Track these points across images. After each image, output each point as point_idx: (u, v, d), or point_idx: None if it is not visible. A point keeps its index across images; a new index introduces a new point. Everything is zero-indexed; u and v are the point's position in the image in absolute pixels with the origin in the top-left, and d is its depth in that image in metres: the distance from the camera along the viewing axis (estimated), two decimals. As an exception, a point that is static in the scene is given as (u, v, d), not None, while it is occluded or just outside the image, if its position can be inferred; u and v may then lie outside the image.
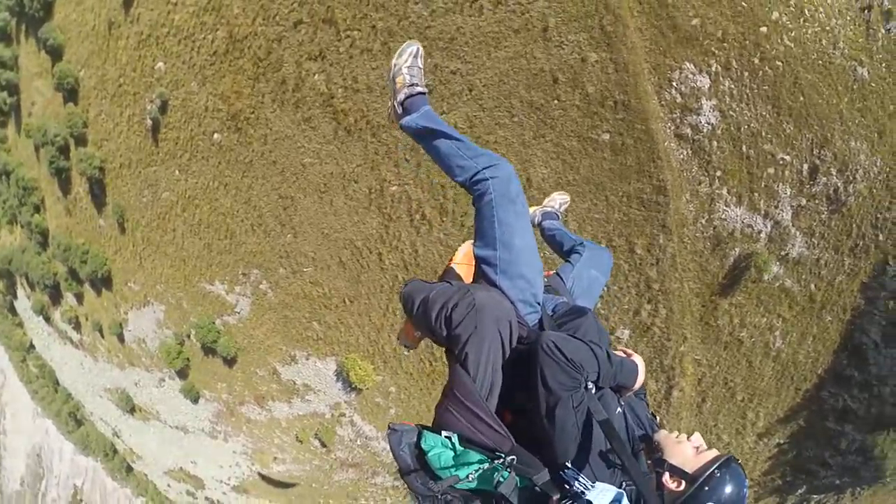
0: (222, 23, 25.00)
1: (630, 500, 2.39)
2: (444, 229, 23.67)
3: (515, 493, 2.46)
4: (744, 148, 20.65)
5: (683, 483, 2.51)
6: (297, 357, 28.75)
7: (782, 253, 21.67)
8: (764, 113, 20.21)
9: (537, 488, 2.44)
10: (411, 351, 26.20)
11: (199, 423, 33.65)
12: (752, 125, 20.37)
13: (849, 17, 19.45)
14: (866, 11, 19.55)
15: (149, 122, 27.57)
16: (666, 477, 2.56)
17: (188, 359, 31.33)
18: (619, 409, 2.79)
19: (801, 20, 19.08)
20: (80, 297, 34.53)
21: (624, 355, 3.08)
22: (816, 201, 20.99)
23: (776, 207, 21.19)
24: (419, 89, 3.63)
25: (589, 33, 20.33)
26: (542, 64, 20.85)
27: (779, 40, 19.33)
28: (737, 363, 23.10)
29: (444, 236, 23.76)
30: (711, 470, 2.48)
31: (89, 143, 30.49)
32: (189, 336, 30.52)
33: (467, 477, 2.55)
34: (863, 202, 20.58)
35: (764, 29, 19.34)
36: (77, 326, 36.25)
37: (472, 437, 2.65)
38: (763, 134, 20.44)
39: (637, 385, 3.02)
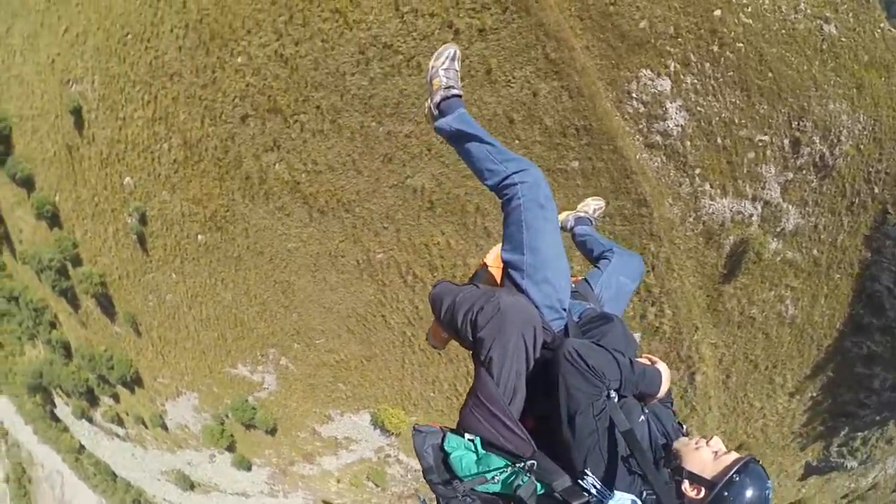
0: (173, 130, 23.42)
1: None
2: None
3: (534, 498, 2.36)
4: (719, 140, 19.01)
5: (703, 490, 2.34)
6: (332, 416, 28.01)
7: (778, 229, 20.23)
8: (734, 100, 18.47)
9: (556, 494, 2.33)
10: (435, 393, 25.50)
11: (257, 487, 33.19)
12: (723, 115, 18.68)
13: None
14: None
15: (133, 236, 26.25)
16: (686, 485, 2.38)
17: (232, 435, 30.72)
18: (642, 418, 2.61)
19: None
20: (116, 397, 33.79)
21: (648, 363, 2.89)
22: (804, 172, 19.43)
23: (763, 188, 19.66)
24: (455, 91, 3.40)
25: (534, 65, 18.57)
26: (494, 107, 19.18)
27: (735, 21, 17.42)
28: (753, 337, 21.96)
29: (439, 290, 22.50)
30: (730, 475, 2.28)
31: (84, 261, 29.33)
32: (227, 416, 29.84)
33: (492, 479, 2.47)
34: (852, 161, 18.99)
35: (718, 12, 17.40)
36: (120, 422, 35.54)
37: (494, 440, 2.56)
38: (736, 121, 18.75)
39: (661, 393, 2.82)
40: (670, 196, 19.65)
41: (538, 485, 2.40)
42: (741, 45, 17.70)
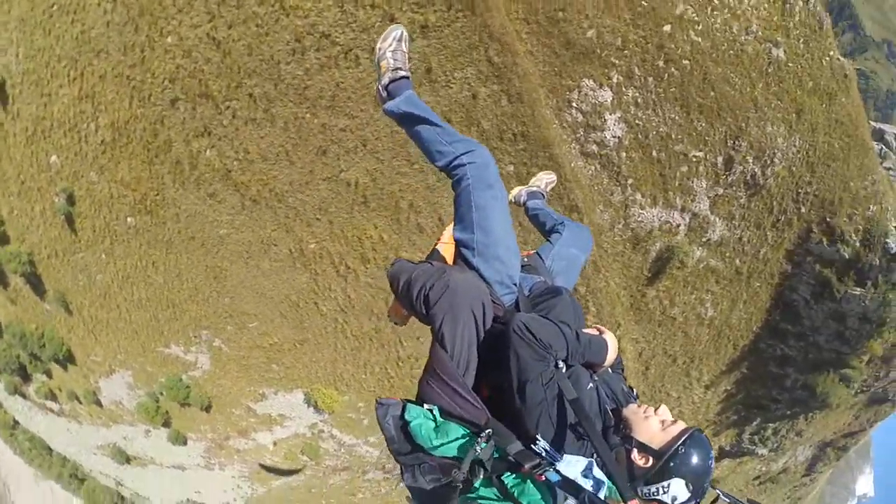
0: (100, 110, 21.71)
1: (601, 470, 2.25)
2: (370, 274, 21.71)
3: (491, 462, 2.40)
4: (654, 153, 18.85)
5: (651, 459, 2.39)
6: (266, 394, 27.24)
7: (703, 239, 20.39)
8: (673, 115, 18.28)
9: (510, 458, 2.37)
10: (367, 376, 25.04)
11: (193, 461, 32.12)
12: (660, 129, 18.47)
13: None
14: None
15: (61, 216, 24.53)
16: (634, 454, 2.43)
17: (167, 412, 29.50)
18: (590, 385, 2.65)
19: (709, 9, 16.83)
20: (49, 373, 31.79)
21: (596, 332, 2.92)
22: (734, 188, 19.53)
23: (693, 201, 19.71)
24: (402, 73, 3.29)
25: (476, 67, 17.84)
26: (433, 106, 18.23)
27: (684, 37, 17.10)
28: (672, 335, 22.27)
29: (371, 280, 21.85)
30: (676, 446, 2.34)
31: (12, 239, 27.28)
32: (162, 394, 28.67)
33: (460, 441, 2.52)
34: (782, 181, 19.19)
35: (667, 28, 17.03)
36: (54, 398, 33.53)
37: (451, 409, 2.60)
38: (673, 136, 18.59)
39: (608, 362, 2.86)
40: (601, 203, 19.48)
41: (494, 449, 2.43)
42: (687, 62, 17.45)
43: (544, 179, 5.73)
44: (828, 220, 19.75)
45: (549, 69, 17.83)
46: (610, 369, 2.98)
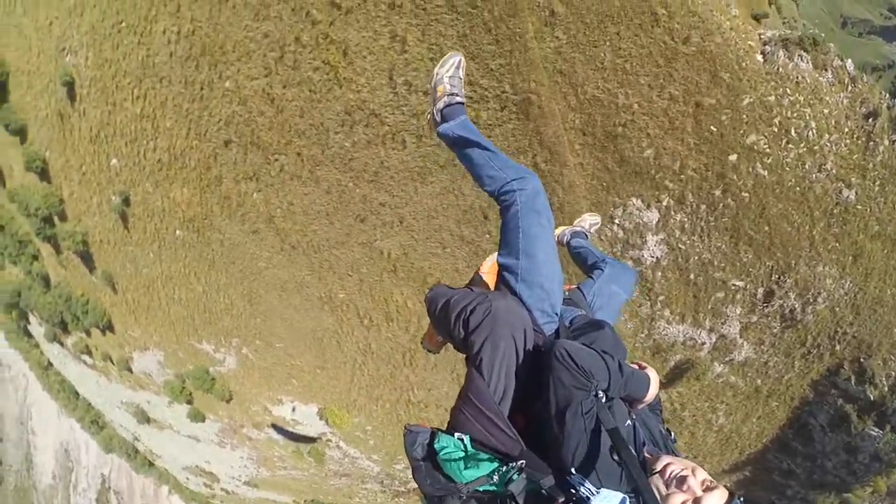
0: (159, 133, 22.59)
1: None
2: (391, 331, 22.49)
3: (523, 495, 2.33)
4: (691, 276, 18.65)
5: None
6: (284, 400, 28.88)
7: (726, 358, 20.25)
8: (720, 244, 17.94)
9: (544, 491, 2.31)
10: (377, 408, 26.20)
11: (207, 436, 34.58)
12: (703, 256, 18.21)
13: (846, 130, 16.57)
14: (870, 119, 16.58)
15: (116, 214, 25.88)
16: None
17: (191, 393, 31.61)
18: (628, 423, 2.56)
19: (784, 142, 16.39)
20: (87, 333, 34.09)
21: (637, 368, 2.85)
22: (769, 318, 19.20)
23: (723, 325, 19.49)
24: (458, 99, 3.32)
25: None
26: (472, 200, 18.57)
27: (749, 169, 16.64)
28: (679, 433, 22.43)
29: (392, 336, 22.65)
30: None
31: (69, 217, 28.98)
32: (188, 379, 30.61)
33: (491, 477, 2.41)
34: (821, 319, 18.78)
35: (733, 157, 16.58)
36: (89, 353, 36.40)
37: (484, 439, 2.51)
38: (715, 263, 18.31)
39: (648, 397, 2.78)
40: (628, 313, 19.49)
41: (527, 482, 2.38)
42: (747, 194, 16.99)
43: (588, 220, 5.79)
44: (861, 360, 19.32)
45: (597, 183, 17.62)
46: (649, 409, 2.93)
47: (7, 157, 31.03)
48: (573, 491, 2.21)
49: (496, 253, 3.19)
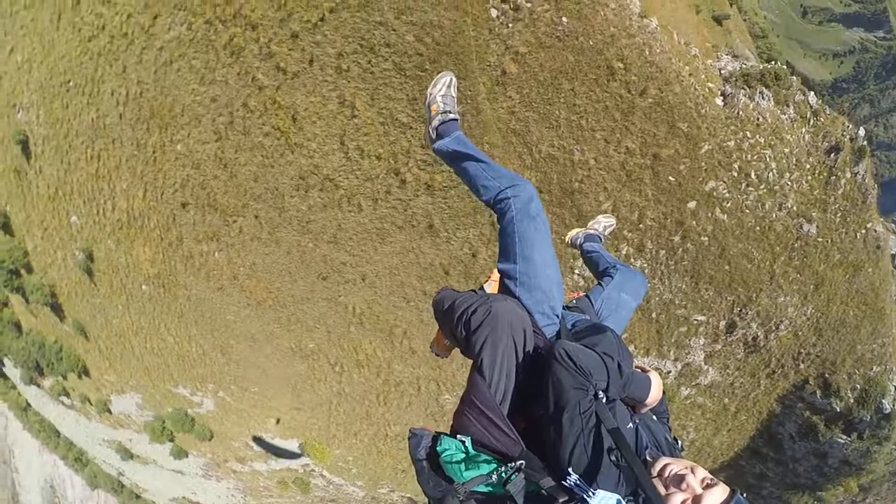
0: (116, 193, 22.48)
1: None
2: (363, 377, 22.81)
3: (521, 495, 2.38)
4: (653, 315, 19.10)
5: None
6: (264, 437, 29.18)
7: (693, 383, 20.77)
8: (680, 285, 18.38)
9: (543, 492, 2.35)
10: (356, 441, 26.60)
11: (192, 470, 34.80)
12: (664, 296, 18.63)
13: (808, 167, 16.93)
14: (832, 154, 16.91)
15: (81, 269, 25.80)
16: None
17: (172, 432, 31.79)
18: (630, 425, 2.60)
19: (744, 185, 16.85)
20: (64, 376, 34.21)
21: (640, 371, 2.92)
22: (732, 346, 19.73)
23: (687, 355, 19.98)
24: (452, 116, 3.51)
25: (479, 229, 18.08)
26: (432, 258, 18.81)
27: (708, 215, 17.08)
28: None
29: (364, 380, 22.97)
30: None
31: (35, 269, 28.83)
32: (167, 421, 30.75)
33: (490, 477, 2.46)
34: (785, 343, 19.32)
35: (692, 204, 16.96)
36: (67, 395, 36.31)
37: (485, 440, 2.56)
38: (676, 302, 18.77)
39: (650, 400, 2.82)
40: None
41: (526, 483, 2.42)
42: (706, 238, 17.41)
43: (602, 222, 5.78)
44: (826, 376, 20.01)
45: (555, 237, 17.65)
46: (654, 416, 2.96)
47: (-34, 210, 30.73)
48: (570, 490, 2.25)
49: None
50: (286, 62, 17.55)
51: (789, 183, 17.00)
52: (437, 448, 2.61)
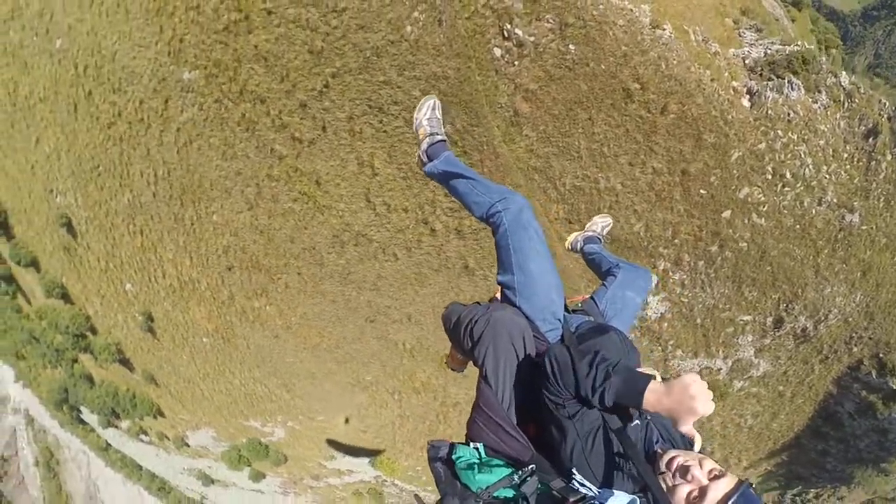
0: (164, 261, 24.13)
1: None
2: (421, 401, 24.31)
3: (535, 497, 2.46)
4: (698, 321, 19.80)
5: None
6: (336, 455, 31.29)
7: (745, 375, 21.42)
8: (723, 290, 18.89)
9: (555, 493, 2.41)
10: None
11: (271, 488, 37.74)
12: (707, 303, 19.22)
13: (845, 156, 17.04)
14: (870, 139, 16.95)
15: (142, 329, 27.81)
16: None
17: (248, 459, 34.26)
18: (636, 421, 2.56)
19: (780, 186, 17.09)
20: (140, 417, 36.86)
21: (648, 373, 2.74)
22: (782, 339, 20.17)
23: (736, 352, 20.60)
24: (439, 138, 3.71)
25: (512, 264, 18.84)
26: (471, 293, 19.97)
27: (744, 221, 17.39)
28: (710, 438, 23.97)
29: (422, 404, 24.52)
30: None
31: (99, 330, 31.05)
32: (243, 449, 33.15)
33: (511, 481, 2.54)
34: (835, 330, 19.66)
35: (727, 213, 17.31)
36: (145, 433, 39.18)
37: (496, 446, 2.69)
38: (720, 306, 19.29)
39: (647, 406, 2.54)
40: (642, 358, 20.64)
41: (539, 485, 2.49)
42: (744, 244, 17.72)
43: (600, 223, 5.87)
44: (880, 356, 20.36)
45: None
46: None
47: (27, 282, 33.06)
48: (579, 491, 2.31)
49: None
50: (300, 131, 18.49)
51: (827, 176, 16.98)
52: (453, 456, 2.75)
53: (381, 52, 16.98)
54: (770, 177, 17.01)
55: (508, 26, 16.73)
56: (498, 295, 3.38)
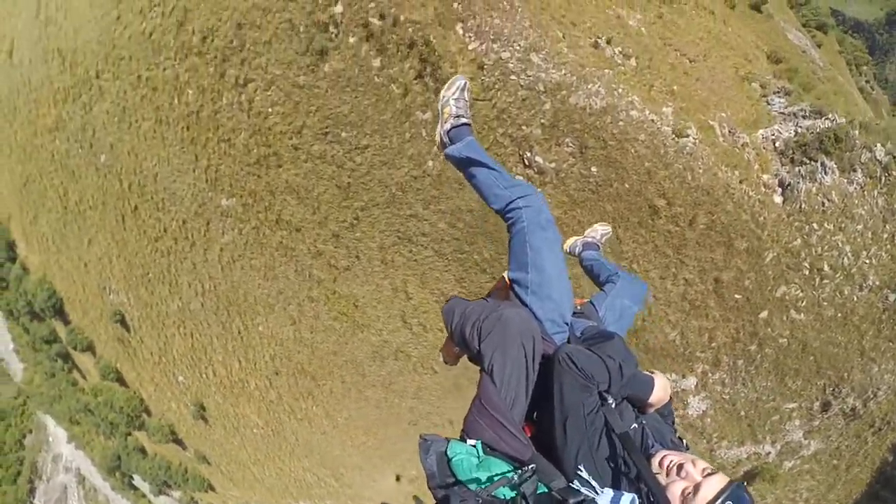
0: (214, 363, 25.75)
1: None
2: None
3: (533, 497, 2.45)
4: (742, 413, 19.88)
5: None
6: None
7: (797, 456, 21.43)
8: (765, 384, 18.97)
9: (555, 494, 2.42)
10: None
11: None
12: (749, 397, 19.36)
13: (885, 236, 16.61)
14: None
15: (194, 417, 29.59)
16: None
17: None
18: (634, 425, 2.72)
19: (818, 280, 16.94)
20: (193, 490, 39.00)
21: (643, 372, 3.03)
22: (831, 420, 20.15)
23: (784, 436, 20.63)
24: (464, 120, 3.66)
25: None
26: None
27: (782, 319, 17.36)
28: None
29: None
30: None
31: (153, 412, 33.10)
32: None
33: (510, 480, 2.53)
34: (886, 405, 19.56)
35: (764, 314, 17.41)
36: (196, 502, 40.61)
37: (495, 444, 2.68)
38: (763, 398, 19.41)
39: (654, 399, 2.95)
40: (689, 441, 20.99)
41: (539, 485, 2.50)
42: (784, 340, 17.68)
43: (599, 231, 5.94)
44: None
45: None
46: (661, 417, 3.06)
47: (82, 362, 35.50)
48: (581, 491, 2.33)
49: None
50: (335, 258, 19.69)
51: (867, 261, 16.80)
52: (448, 452, 2.72)
53: (405, 187, 17.98)
54: (807, 272, 16.86)
55: (528, 154, 17.38)
56: (497, 289, 3.58)
